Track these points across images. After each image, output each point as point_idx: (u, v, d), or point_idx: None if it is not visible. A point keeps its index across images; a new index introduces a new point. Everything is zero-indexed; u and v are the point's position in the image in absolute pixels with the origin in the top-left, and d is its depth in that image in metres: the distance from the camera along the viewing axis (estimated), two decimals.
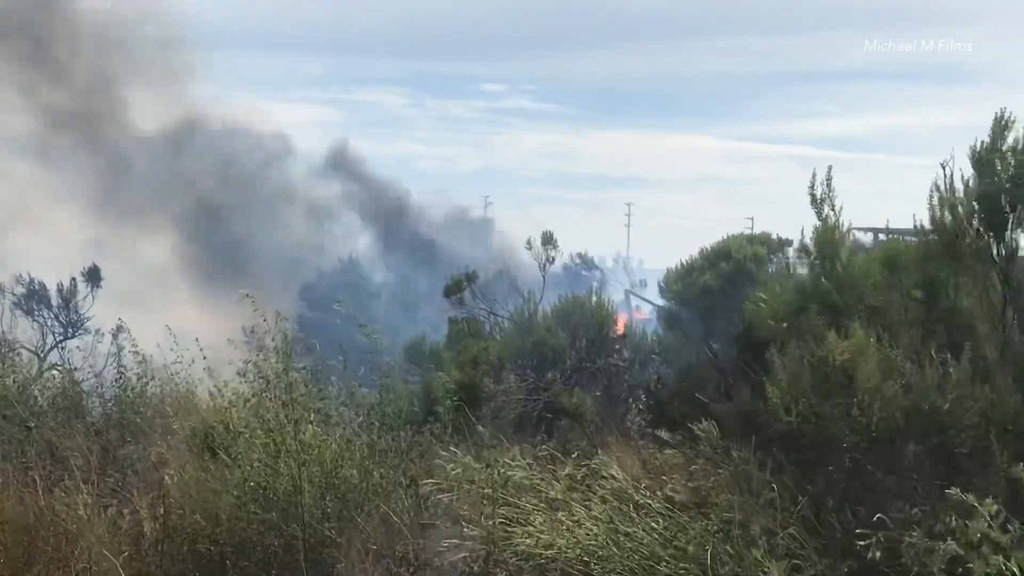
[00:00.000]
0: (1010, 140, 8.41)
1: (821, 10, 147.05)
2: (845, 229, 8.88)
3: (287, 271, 47.43)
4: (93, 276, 23.99)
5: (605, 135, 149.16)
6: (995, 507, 6.12)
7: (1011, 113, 8.45)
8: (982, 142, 8.45)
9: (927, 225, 8.57)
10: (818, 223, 8.90)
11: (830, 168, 8.86)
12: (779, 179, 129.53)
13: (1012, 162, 8.32)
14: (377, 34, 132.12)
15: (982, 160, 8.41)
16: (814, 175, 8.84)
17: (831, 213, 8.85)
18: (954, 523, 6.30)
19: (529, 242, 22.57)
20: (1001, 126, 8.42)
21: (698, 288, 24.00)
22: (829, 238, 8.75)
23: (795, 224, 9.09)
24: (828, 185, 8.83)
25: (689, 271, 23.95)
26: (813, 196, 8.88)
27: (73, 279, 23.91)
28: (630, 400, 15.12)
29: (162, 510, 9.86)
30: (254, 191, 55.32)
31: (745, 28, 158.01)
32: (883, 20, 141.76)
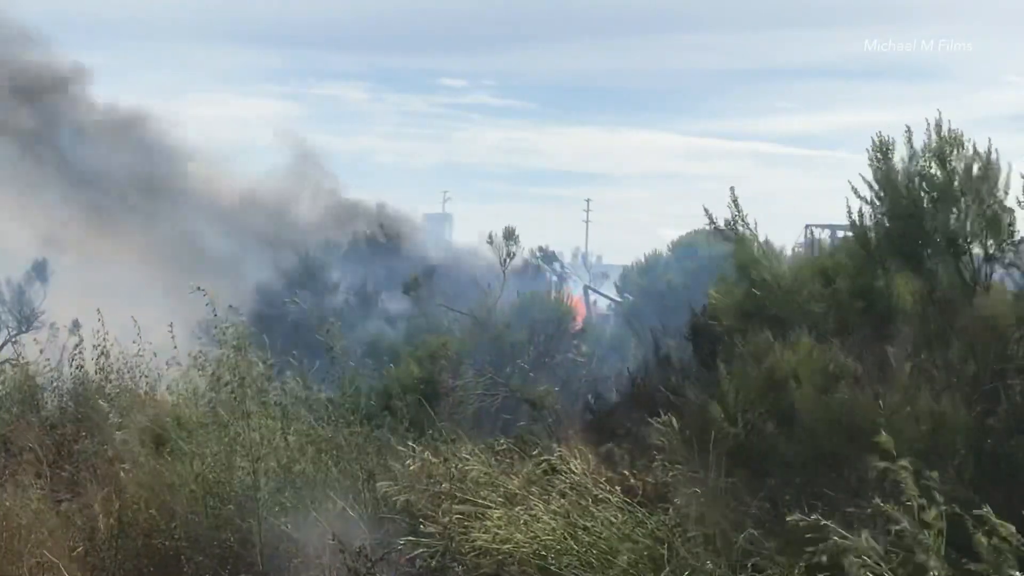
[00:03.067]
0: (896, 159, 8.27)
1: (783, 7, 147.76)
2: (765, 243, 8.78)
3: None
4: (40, 270, 23.71)
5: (566, 131, 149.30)
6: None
7: (889, 137, 8.29)
8: (876, 157, 8.32)
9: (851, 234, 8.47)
10: (733, 246, 8.73)
11: (732, 189, 8.69)
12: (740, 176, 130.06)
13: (901, 179, 8.22)
14: (337, 28, 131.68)
15: (879, 176, 8.30)
16: (707, 212, 8.67)
17: (746, 231, 8.70)
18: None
19: (491, 237, 22.58)
20: (883, 150, 8.27)
21: (661, 283, 24.17)
22: (751, 259, 8.59)
23: (755, 221, 8.97)
24: (736, 205, 8.68)
25: (652, 266, 24.04)
26: (718, 228, 8.75)
27: (27, 273, 23.64)
28: (588, 396, 15.17)
29: (116, 505, 9.78)
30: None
31: (708, 25, 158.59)
32: (849, 17, 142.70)
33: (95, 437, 11.54)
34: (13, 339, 23.47)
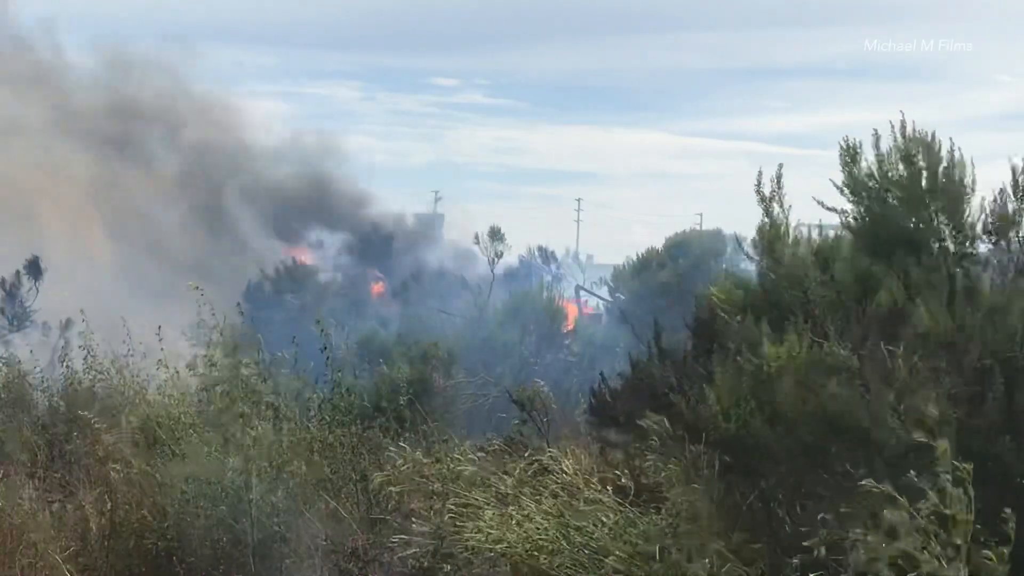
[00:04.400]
0: (862, 162, 8.34)
1: (776, 7, 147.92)
2: (793, 226, 8.81)
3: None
4: (33, 269, 23.59)
5: (558, 130, 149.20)
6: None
7: (857, 141, 8.35)
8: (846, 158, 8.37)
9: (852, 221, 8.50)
10: (766, 220, 8.81)
11: (780, 166, 8.77)
12: (731, 175, 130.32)
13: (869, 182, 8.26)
14: (329, 27, 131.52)
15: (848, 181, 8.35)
16: (759, 175, 8.72)
17: (780, 211, 8.77)
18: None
19: (476, 237, 22.62)
20: (851, 153, 8.32)
21: (654, 283, 24.19)
22: (777, 235, 8.69)
23: (745, 220, 9.01)
24: (778, 183, 8.74)
25: (644, 265, 24.07)
26: (761, 195, 8.79)
27: (17, 272, 23.57)
28: (580, 396, 15.16)
29: (109, 505, 9.78)
30: None
31: (698, 24, 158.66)
32: (842, 17, 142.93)
33: (87, 437, 11.54)
34: (4, 338, 23.44)
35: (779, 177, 8.70)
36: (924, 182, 8.16)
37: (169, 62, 50.56)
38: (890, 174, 8.23)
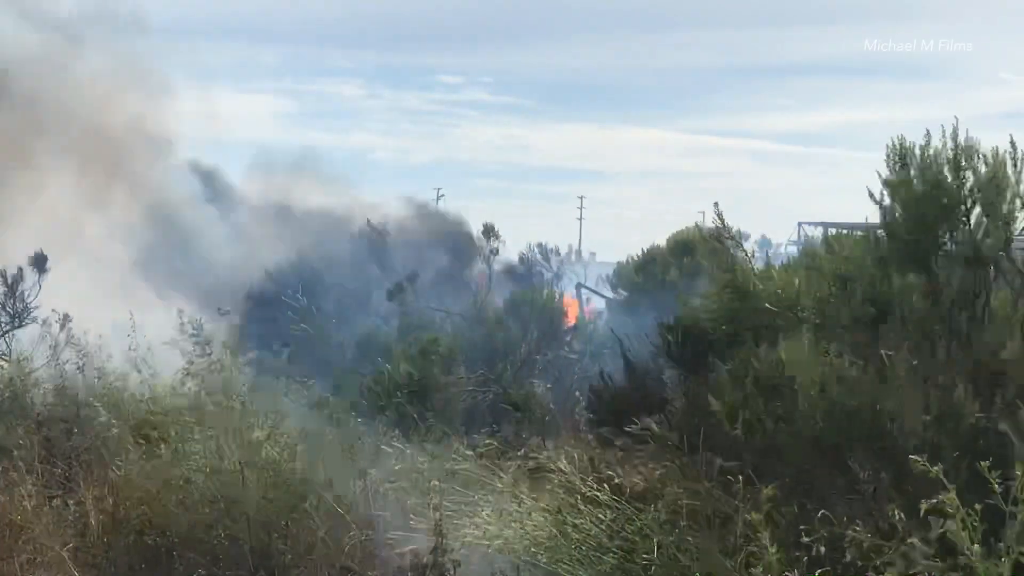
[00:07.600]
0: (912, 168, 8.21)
1: (780, 4, 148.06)
2: (752, 255, 8.73)
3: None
4: (39, 262, 23.51)
5: (562, 128, 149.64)
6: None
7: (911, 143, 8.12)
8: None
9: (880, 224, 8.36)
10: (725, 261, 8.72)
11: (717, 204, 8.67)
12: (736, 173, 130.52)
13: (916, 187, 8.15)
14: (333, 24, 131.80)
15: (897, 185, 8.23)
16: (702, 219, 8.63)
17: (730, 243, 8.67)
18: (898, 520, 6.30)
19: (471, 236, 22.57)
20: (902, 156, 8.13)
21: (654, 281, 24.14)
22: (744, 278, 8.57)
23: (750, 218, 8.95)
24: (721, 219, 8.65)
25: (645, 264, 24.03)
26: (706, 237, 8.72)
27: (19, 267, 23.52)
28: (578, 393, 15.17)
29: (109, 502, 9.80)
30: None
31: (704, 22, 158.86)
32: (847, 15, 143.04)
33: (87, 434, 11.56)
34: (6, 334, 23.41)
35: (720, 215, 8.61)
36: (967, 192, 8.02)
37: None
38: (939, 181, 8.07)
